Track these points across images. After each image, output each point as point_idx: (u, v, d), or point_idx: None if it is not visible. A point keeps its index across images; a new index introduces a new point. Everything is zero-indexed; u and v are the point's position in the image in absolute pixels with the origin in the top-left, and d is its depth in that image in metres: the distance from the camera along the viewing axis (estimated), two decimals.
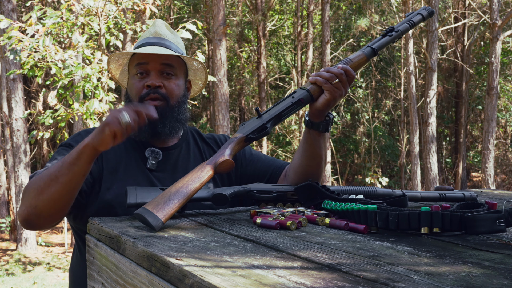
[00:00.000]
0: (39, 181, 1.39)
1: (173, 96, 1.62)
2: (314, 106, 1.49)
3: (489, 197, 1.72)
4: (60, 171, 1.36)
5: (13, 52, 5.54)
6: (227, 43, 14.91)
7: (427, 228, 1.07)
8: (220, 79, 8.95)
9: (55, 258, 9.69)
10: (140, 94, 1.60)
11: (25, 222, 1.43)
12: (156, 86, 1.59)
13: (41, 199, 1.38)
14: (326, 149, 1.59)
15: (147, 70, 1.61)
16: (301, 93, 1.48)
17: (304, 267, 0.86)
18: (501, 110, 17.24)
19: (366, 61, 1.54)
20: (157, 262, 0.94)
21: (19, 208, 1.44)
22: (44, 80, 10.39)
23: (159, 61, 1.61)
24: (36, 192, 1.39)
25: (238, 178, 1.74)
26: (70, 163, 1.36)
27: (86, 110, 5.51)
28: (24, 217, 1.41)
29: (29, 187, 1.42)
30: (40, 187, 1.38)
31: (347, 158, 16.83)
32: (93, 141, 1.33)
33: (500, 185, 17.11)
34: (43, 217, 1.41)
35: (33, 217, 1.41)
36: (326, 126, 1.53)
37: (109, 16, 6.06)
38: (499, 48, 10.37)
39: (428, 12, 1.62)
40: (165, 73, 1.62)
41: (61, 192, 1.37)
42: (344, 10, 16.76)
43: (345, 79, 1.46)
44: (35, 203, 1.38)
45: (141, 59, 1.62)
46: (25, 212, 1.41)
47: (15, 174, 9.76)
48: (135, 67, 1.63)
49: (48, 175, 1.38)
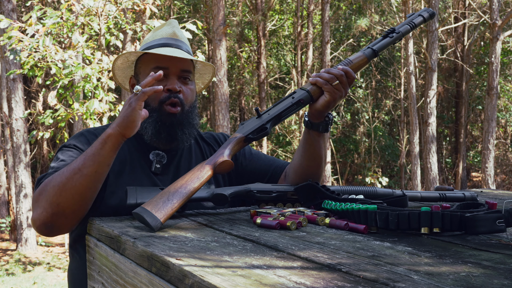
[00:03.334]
0: (58, 178, 1.34)
1: (187, 101, 1.60)
2: (314, 107, 1.48)
3: (489, 197, 1.72)
4: (84, 163, 1.33)
5: (13, 52, 5.54)
6: (227, 43, 14.92)
7: (427, 228, 1.07)
8: (220, 79, 8.95)
9: (55, 258, 9.69)
10: (159, 97, 1.56)
11: (44, 226, 1.34)
12: (177, 90, 1.57)
13: (64, 195, 1.32)
14: (326, 149, 1.59)
15: (166, 73, 1.57)
16: (301, 94, 1.48)
17: (304, 267, 0.86)
18: (501, 110, 17.24)
19: (367, 63, 1.53)
20: (157, 262, 0.94)
21: (34, 214, 1.35)
22: (44, 80, 10.39)
23: (180, 67, 1.59)
24: (56, 190, 1.33)
25: (238, 177, 1.73)
26: (94, 154, 1.33)
27: (86, 110, 5.51)
28: (44, 221, 1.33)
29: (45, 187, 1.35)
30: (62, 183, 1.32)
31: (347, 158, 16.83)
32: (118, 127, 1.32)
33: (500, 185, 17.11)
34: (65, 216, 1.34)
35: (55, 218, 1.33)
36: (326, 126, 1.52)
37: (109, 16, 6.06)
38: (499, 48, 10.37)
39: (429, 13, 1.61)
40: (183, 78, 1.60)
41: (86, 185, 1.33)
42: (344, 10, 16.76)
43: (345, 80, 1.46)
44: (57, 201, 1.32)
45: (160, 63, 1.57)
46: (45, 214, 1.33)
47: (15, 174, 9.76)
48: (152, 69, 1.57)
49: (70, 170, 1.33)
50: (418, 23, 1.59)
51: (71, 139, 1.60)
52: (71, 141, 1.59)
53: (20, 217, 9.78)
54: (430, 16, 1.62)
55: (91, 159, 1.33)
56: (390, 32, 1.56)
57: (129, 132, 1.32)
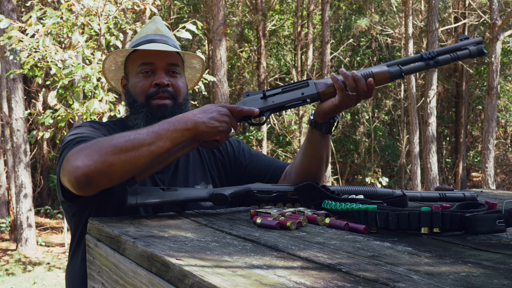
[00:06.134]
0: (121, 141, 1.29)
1: (180, 94, 1.60)
2: (321, 107, 1.47)
3: (489, 197, 1.72)
4: (155, 141, 1.30)
5: (13, 52, 5.54)
6: (227, 43, 14.91)
7: (427, 228, 1.07)
8: (220, 79, 8.95)
9: (55, 258, 9.69)
10: (147, 92, 1.57)
11: (85, 178, 1.26)
12: (165, 84, 1.57)
13: (122, 159, 1.27)
14: (328, 151, 1.58)
15: (153, 69, 1.58)
16: (311, 93, 1.45)
17: (304, 267, 0.86)
18: (501, 110, 17.24)
19: (389, 81, 1.43)
20: (157, 262, 0.94)
21: (79, 162, 1.26)
22: (44, 80, 10.39)
23: (166, 61, 1.59)
24: (116, 151, 1.28)
25: (238, 177, 1.73)
26: (169, 138, 1.32)
27: (86, 110, 5.51)
28: (88, 173, 1.25)
29: (100, 143, 1.29)
30: (125, 148, 1.28)
31: (347, 158, 16.83)
32: (200, 128, 1.34)
33: (500, 185, 17.11)
34: (110, 179, 1.29)
35: (100, 176, 1.27)
36: (330, 127, 1.51)
37: (109, 16, 6.06)
38: (499, 48, 10.37)
39: (478, 50, 1.38)
40: (171, 72, 1.60)
41: (144, 161, 1.29)
42: (344, 10, 16.76)
43: (364, 95, 1.41)
44: (112, 161, 1.27)
45: (146, 58, 1.58)
46: (92, 167, 1.26)
47: (15, 174, 9.76)
48: (139, 66, 1.59)
49: (138, 139, 1.30)
50: (462, 56, 1.39)
51: (88, 123, 1.57)
52: (89, 122, 1.56)
53: (20, 217, 9.78)
54: (478, 53, 1.38)
55: (165, 140, 1.31)
56: (428, 58, 1.39)
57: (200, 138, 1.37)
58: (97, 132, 1.49)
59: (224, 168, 1.73)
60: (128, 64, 1.66)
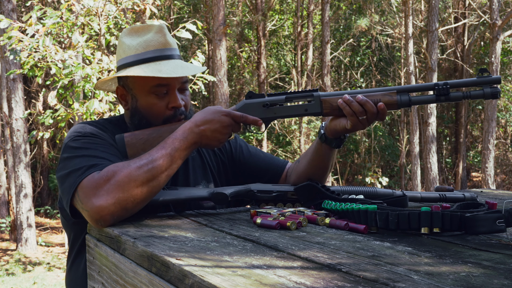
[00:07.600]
0: (140, 172, 1.29)
1: (187, 109, 1.59)
2: (333, 126, 1.45)
3: (489, 197, 1.72)
4: (170, 164, 1.34)
5: (13, 52, 5.53)
6: (227, 43, 14.91)
7: (427, 228, 1.07)
8: (220, 79, 8.95)
9: (55, 258, 9.69)
10: (164, 115, 1.52)
11: (110, 217, 1.24)
12: (181, 106, 1.55)
13: (146, 191, 1.29)
14: (334, 161, 1.58)
15: (167, 89, 1.52)
16: (315, 111, 1.44)
17: (304, 267, 0.86)
18: (501, 110, 17.24)
19: (395, 108, 1.39)
20: (157, 262, 0.94)
21: (102, 201, 1.24)
22: (44, 80, 10.38)
23: (180, 80, 1.54)
24: (136, 184, 1.27)
25: (236, 175, 1.72)
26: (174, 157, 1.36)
27: (86, 110, 5.51)
28: (113, 212, 1.24)
29: (118, 177, 1.27)
30: (146, 179, 1.29)
31: (347, 158, 16.82)
32: (204, 141, 1.41)
33: (500, 185, 17.11)
34: (131, 211, 1.29)
35: (124, 212, 1.27)
36: (339, 143, 1.51)
37: (109, 16, 6.06)
38: (499, 48, 10.37)
39: (492, 93, 1.32)
40: (182, 89, 1.57)
41: (162, 185, 1.34)
42: (344, 10, 16.76)
43: (375, 117, 1.40)
44: (134, 195, 1.27)
45: (163, 80, 1.50)
46: (118, 206, 1.25)
47: (15, 174, 9.76)
48: (154, 87, 1.50)
49: (157, 166, 1.31)
50: (474, 96, 1.34)
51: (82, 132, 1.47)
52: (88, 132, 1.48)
53: (20, 217, 9.78)
54: (492, 96, 1.32)
55: (178, 160, 1.38)
56: (439, 92, 1.34)
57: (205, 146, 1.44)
58: (103, 148, 1.43)
59: (224, 165, 1.73)
60: (135, 80, 1.54)
